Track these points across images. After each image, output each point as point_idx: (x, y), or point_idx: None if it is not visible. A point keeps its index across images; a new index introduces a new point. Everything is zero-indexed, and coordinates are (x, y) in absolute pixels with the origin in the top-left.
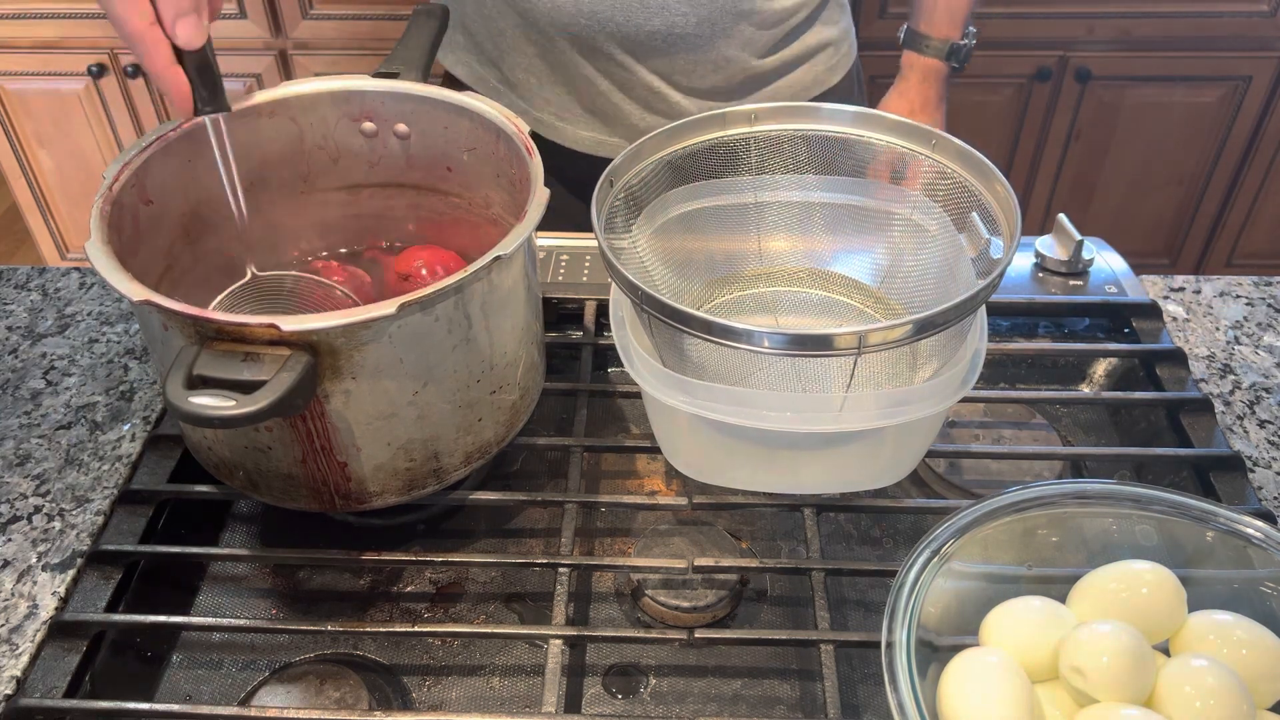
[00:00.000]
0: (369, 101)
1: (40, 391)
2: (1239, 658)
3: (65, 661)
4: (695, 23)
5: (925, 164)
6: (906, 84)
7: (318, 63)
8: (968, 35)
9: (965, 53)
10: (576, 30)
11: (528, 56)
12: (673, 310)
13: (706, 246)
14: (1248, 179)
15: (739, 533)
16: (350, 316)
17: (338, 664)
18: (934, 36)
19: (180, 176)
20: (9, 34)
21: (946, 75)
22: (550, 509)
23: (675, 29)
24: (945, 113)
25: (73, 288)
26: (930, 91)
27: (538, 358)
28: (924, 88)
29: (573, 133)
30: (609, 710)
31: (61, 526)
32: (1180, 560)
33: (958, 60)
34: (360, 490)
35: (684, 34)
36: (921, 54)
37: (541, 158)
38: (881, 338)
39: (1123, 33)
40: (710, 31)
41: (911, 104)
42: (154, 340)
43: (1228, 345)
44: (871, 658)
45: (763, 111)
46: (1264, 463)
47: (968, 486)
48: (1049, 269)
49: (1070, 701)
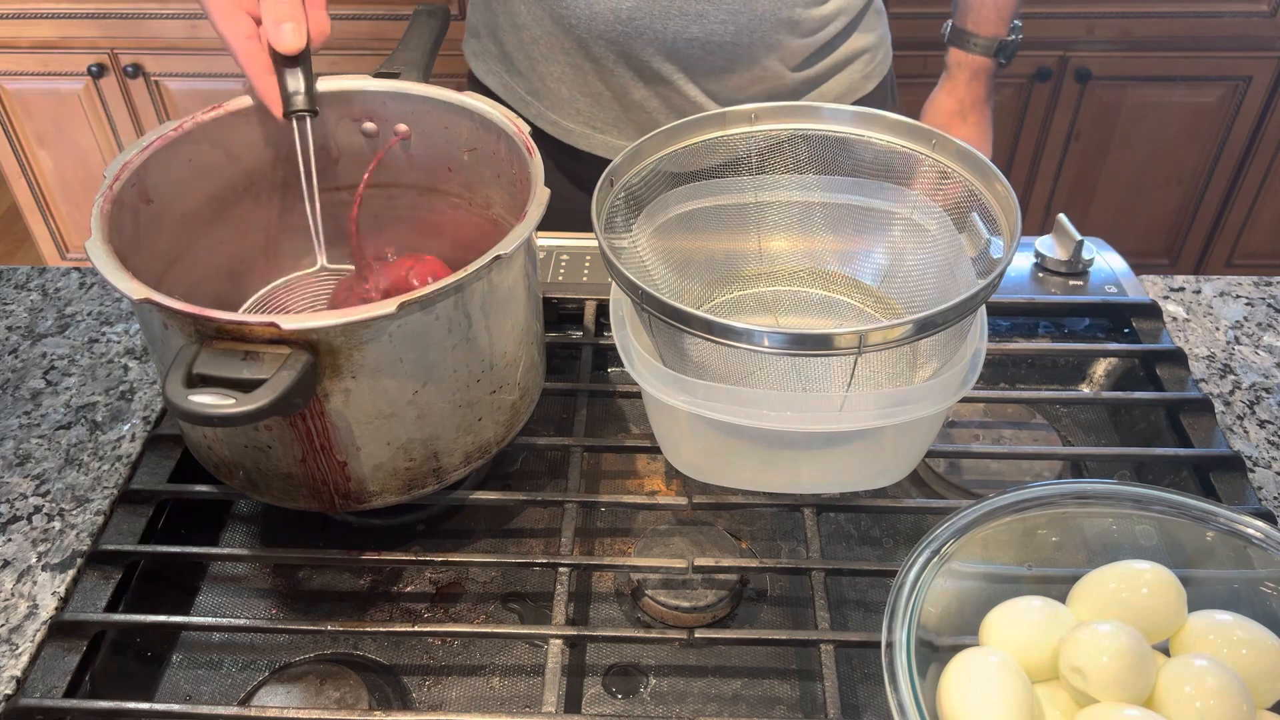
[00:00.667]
0: (370, 101)
1: (40, 391)
2: (1239, 658)
3: (65, 661)
4: (734, 30)
5: (926, 164)
6: (954, 83)
7: (318, 63)
8: (1014, 31)
9: (1012, 49)
10: (614, 37)
11: (560, 66)
12: (673, 310)
13: (706, 246)
14: (1248, 179)
15: (739, 533)
16: (350, 315)
17: (338, 664)
18: (981, 34)
19: (181, 176)
20: (9, 34)
21: (994, 72)
22: (550, 509)
23: (714, 37)
24: (992, 109)
25: (73, 288)
26: (980, 89)
27: (538, 358)
28: (973, 86)
29: (604, 141)
30: (609, 710)
31: (61, 526)
32: (1180, 560)
33: (1005, 56)
34: (360, 490)
35: (722, 42)
36: (969, 51)
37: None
38: (881, 337)
39: (1123, 33)
40: (749, 40)
41: (961, 102)
42: (154, 339)
43: (1228, 345)
44: (871, 658)
45: (763, 111)
46: (1264, 463)
47: (968, 486)
48: (1049, 269)
49: (1070, 701)
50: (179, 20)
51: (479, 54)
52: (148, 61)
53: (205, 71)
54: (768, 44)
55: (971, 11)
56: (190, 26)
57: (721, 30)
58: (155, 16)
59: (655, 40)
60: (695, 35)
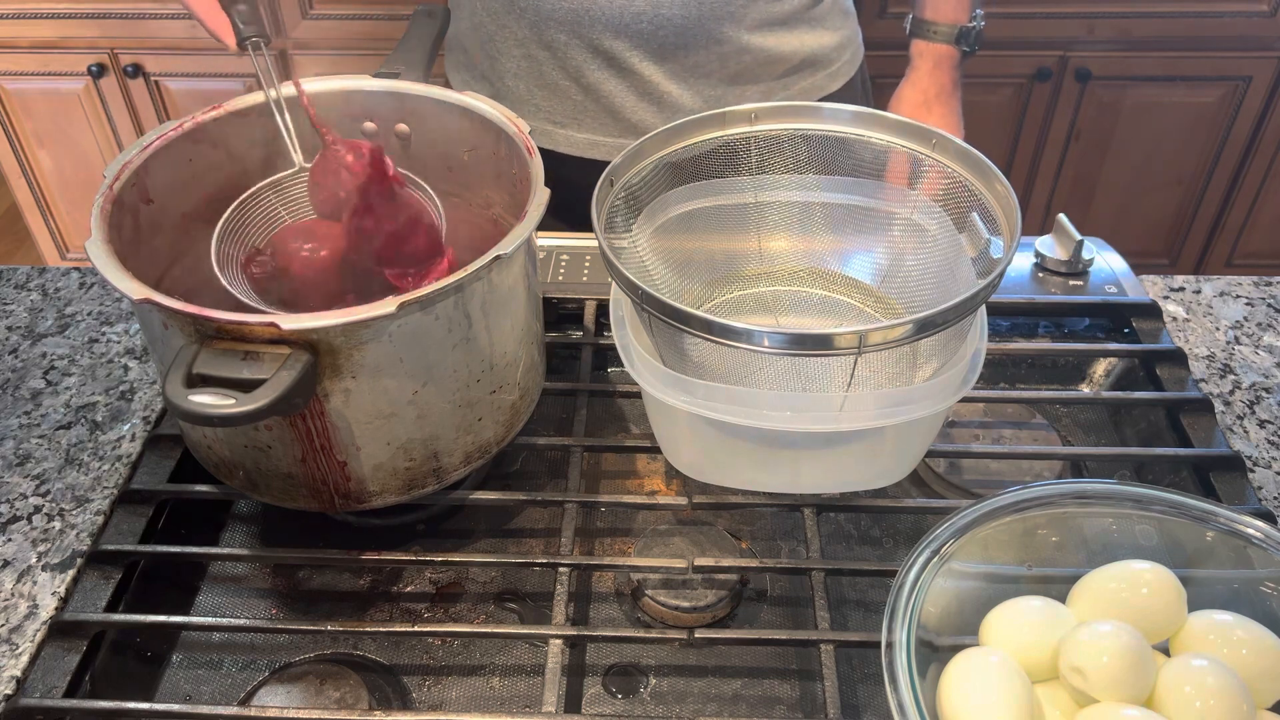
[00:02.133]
0: (370, 101)
1: (40, 391)
2: (1239, 658)
3: (65, 661)
4: (681, 1)
5: (926, 165)
6: (918, 74)
7: (318, 63)
8: (975, 18)
9: (975, 35)
10: (563, 17)
11: (515, 60)
12: (673, 310)
13: (707, 246)
14: (1248, 179)
15: (739, 533)
16: (350, 315)
17: (338, 664)
18: (942, 22)
19: (181, 175)
20: (9, 34)
21: (959, 60)
22: (550, 509)
23: (662, 9)
24: (960, 99)
25: (73, 288)
26: (943, 78)
27: (538, 358)
28: (937, 75)
29: (565, 137)
30: (609, 710)
31: (61, 526)
32: (1180, 560)
33: (968, 44)
34: (360, 490)
35: (671, 15)
36: (930, 40)
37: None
38: (881, 337)
39: (1123, 33)
40: (698, 11)
41: (925, 93)
42: (154, 339)
43: (1228, 345)
44: (871, 658)
45: (763, 111)
46: (1264, 463)
47: (968, 486)
48: (1049, 269)
49: (1070, 701)
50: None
51: (455, 66)
52: (148, 61)
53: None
54: (718, 14)
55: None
56: (190, 26)
57: (669, 1)
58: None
59: (603, 17)
60: (642, 9)
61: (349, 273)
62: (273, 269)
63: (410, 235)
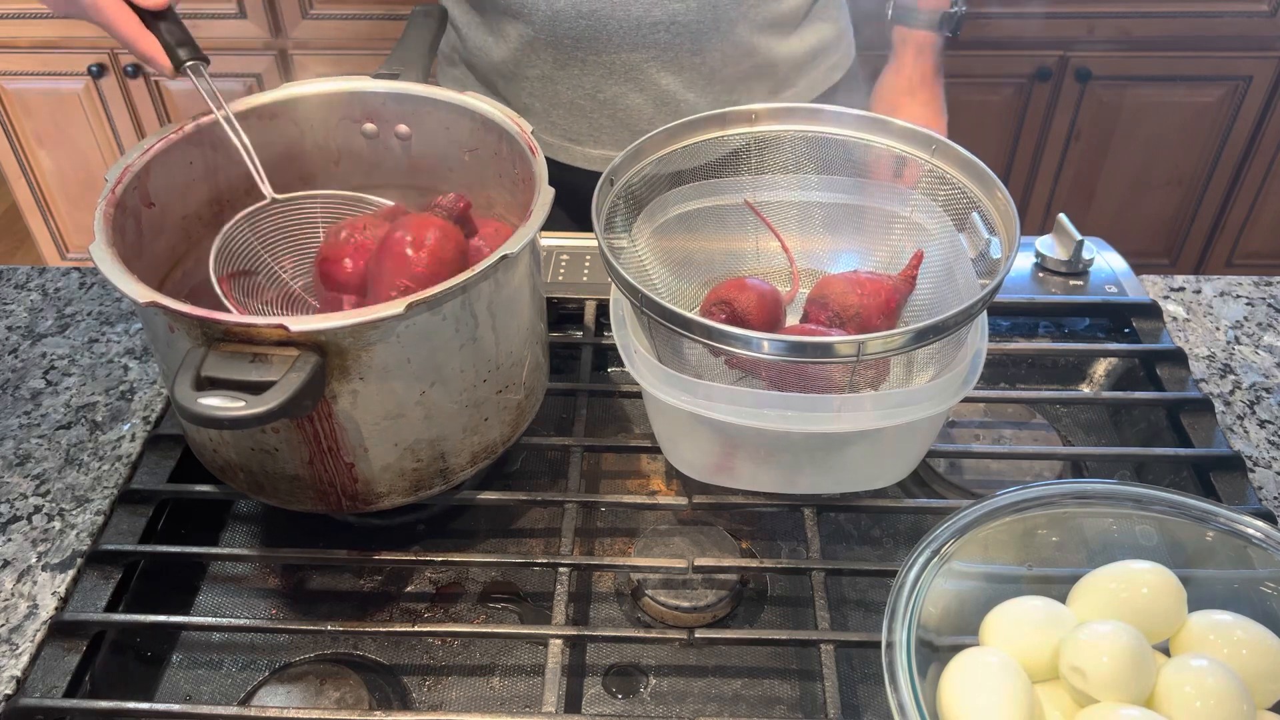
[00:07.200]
0: (370, 102)
1: (40, 391)
2: (1239, 658)
3: (65, 661)
4: (698, 6)
5: (925, 168)
6: (901, 61)
7: (318, 63)
8: (956, 2)
9: (957, 20)
10: (578, 33)
11: (531, 81)
12: (672, 314)
13: (706, 246)
14: (1248, 179)
15: (739, 533)
16: (358, 316)
17: (338, 664)
18: (923, 8)
19: (182, 179)
20: (9, 34)
21: (941, 47)
22: (550, 509)
23: (679, 16)
24: (943, 85)
25: (73, 288)
26: (927, 64)
27: (542, 358)
28: (920, 62)
29: (582, 152)
30: (609, 710)
31: (61, 526)
32: (1180, 560)
33: (950, 29)
34: (367, 491)
35: (688, 21)
36: (912, 26)
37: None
38: (880, 346)
39: (1123, 33)
40: (714, 14)
41: (909, 80)
42: (159, 342)
43: (1228, 345)
44: (871, 658)
45: (763, 111)
46: (1264, 463)
47: (968, 486)
48: (1049, 269)
49: (1070, 701)
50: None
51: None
52: None
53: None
54: (731, 16)
55: None
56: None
57: (683, 8)
58: None
59: (620, 30)
60: (659, 18)
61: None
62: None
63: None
